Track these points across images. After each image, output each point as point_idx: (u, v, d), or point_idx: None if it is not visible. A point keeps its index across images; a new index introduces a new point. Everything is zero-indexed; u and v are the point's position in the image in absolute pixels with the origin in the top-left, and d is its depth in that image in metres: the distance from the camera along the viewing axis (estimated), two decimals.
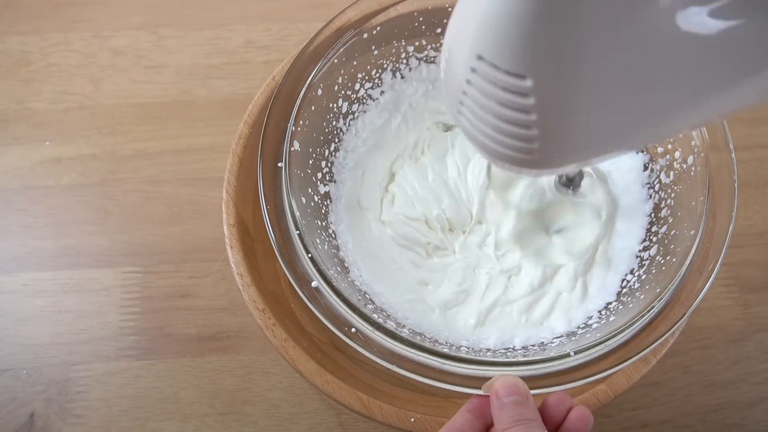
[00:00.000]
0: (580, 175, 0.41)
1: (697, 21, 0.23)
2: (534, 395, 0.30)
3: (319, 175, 0.43)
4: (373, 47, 0.44)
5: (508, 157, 0.26)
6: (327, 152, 0.44)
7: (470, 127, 0.26)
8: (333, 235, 0.42)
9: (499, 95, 0.24)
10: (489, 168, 0.45)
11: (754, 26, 0.23)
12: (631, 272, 0.41)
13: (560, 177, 0.41)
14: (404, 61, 0.46)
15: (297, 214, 0.38)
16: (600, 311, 0.41)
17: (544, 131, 0.24)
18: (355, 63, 0.44)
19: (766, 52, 0.24)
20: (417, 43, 0.46)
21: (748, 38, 0.23)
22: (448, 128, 0.48)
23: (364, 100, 0.46)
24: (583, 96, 0.23)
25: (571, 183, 0.41)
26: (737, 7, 0.23)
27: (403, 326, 0.38)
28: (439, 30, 0.45)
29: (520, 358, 0.36)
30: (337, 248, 0.42)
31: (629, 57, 0.23)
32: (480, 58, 0.23)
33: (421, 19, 0.45)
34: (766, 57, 0.24)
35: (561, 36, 0.21)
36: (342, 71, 0.44)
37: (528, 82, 0.23)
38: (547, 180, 0.43)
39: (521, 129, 0.24)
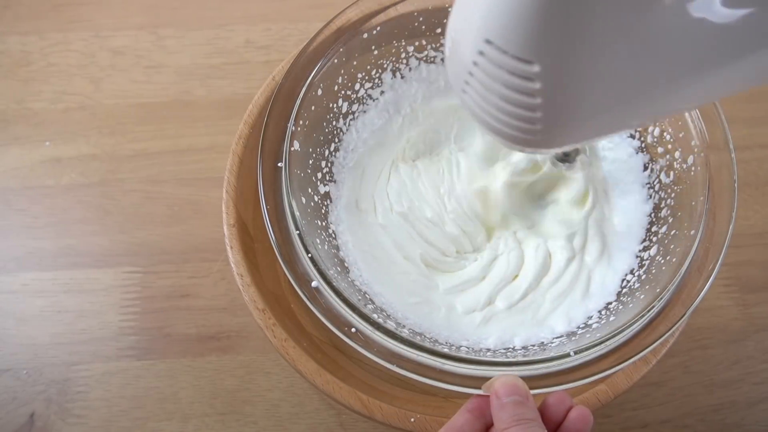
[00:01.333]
0: (576, 151, 0.41)
1: (708, 8, 0.23)
2: (534, 395, 0.30)
3: (319, 175, 0.43)
4: (373, 47, 0.44)
5: (511, 136, 0.27)
6: (327, 152, 0.44)
7: (474, 107, 0.27)
8: (333, 235, 0.42)
9: (506, 78, 0.24)
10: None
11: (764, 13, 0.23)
12: (631, 272, 0.41)
13: (556, 153, 0.42)
14: (404, 61, 0.46)
15: (297, 214, 0.38)
16: (600, 311, 0.41)
17: (548, 114, 0.25)
18: (355, 63, 0.44)
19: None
20: (417, 43, 0.46)
21: (756, 23, 0.24)
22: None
23: (364, 100, 0.46)
24: (588, 81, 0.24)
25: (567, 158, 0.41)
26: None
27: (403, 326, 0.38)
28: (439, 30, 0.45)
29: (520, 358, 0.36)
30: (337, 248, 0.42)
31: (637, 43, 0.23)
32: (488, 42, 0.23)
33: (421, 19, 0.45)
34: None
35: (570, 23, 0.22)
36: (342, 71, 0.44)
37: (535, 68, 0.23)
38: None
39: (525, 111, 0.25)
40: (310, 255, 0.36)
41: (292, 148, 0.40)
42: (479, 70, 0.25)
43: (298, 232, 0.37)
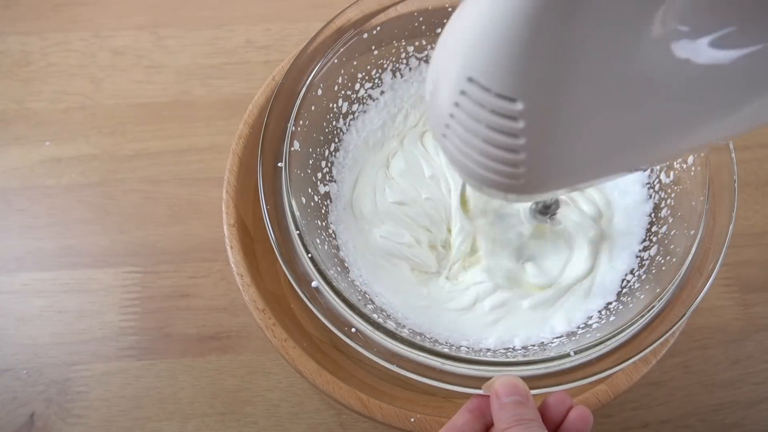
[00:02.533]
0: (556, 203, 0.40)
1: (692, 49, 0.22)
2: (534, 395, 0.30)
3: (319, 175, 0.43)
4: (373, 47, 0.44)
5: (493, 182, 0.26)
6: (327, 152, 0.44)
7: (455, 151, 0.26)
8: (333, 235, 0.42)
9: (488, 118, 0.23)
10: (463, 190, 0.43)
11: (751, 55, 0.23)
12: (631, 272, 0.41)
13: (536, 204, 0.41)
14: (404, 61, 0.46)
15: (297, 214, 0.38)
16: (600, 311, 0.41)
17: (532, 156, 0.24)
18: (355, 63, 0.44)
19: (761, 80, 0.24)
20: (417, 43, 0.46)
21: (745, 66, 0.23)
22: None
23: (364, 100, 0.46)
24: (573, 121, 0.23)
25: (547, 210, 0.40)
26: (734, 37, 0.22)
27: (403, 326, 0.38)
28: (439, 30, 0.45)
29: (520, 358, 0.36)
30: (337, 248, 0.42)
31: (622, 83, 0.22)
32: (470, 80, 0.23)
33: (421, 19, 0.45)
34: (760, 85, 0.24)
35: (554, 60, 0.21)
36: (342, 71, 0.44)
37: (519, 106, 0.22)
38: (523, 208, 0.42)
39: (508, 153, 0.24)
40: (310, 255, 0.36)
41: (292, 148, 0.40)
42: (461, 111, 0.24)
43: (298, 232, 0.37)
